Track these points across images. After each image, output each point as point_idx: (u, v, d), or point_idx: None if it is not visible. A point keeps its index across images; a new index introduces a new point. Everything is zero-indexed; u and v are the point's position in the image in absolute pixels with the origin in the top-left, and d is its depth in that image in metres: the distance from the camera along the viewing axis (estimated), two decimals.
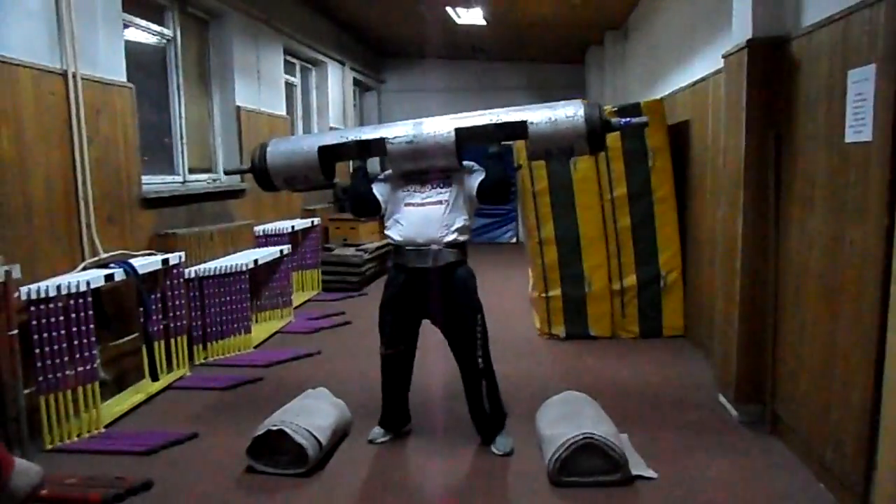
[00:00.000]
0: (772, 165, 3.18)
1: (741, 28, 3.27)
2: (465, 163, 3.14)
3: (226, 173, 3.55)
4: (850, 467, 2.48)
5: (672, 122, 4.94)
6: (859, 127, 2.44)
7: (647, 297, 4.95)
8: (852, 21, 2.50)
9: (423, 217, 3.04)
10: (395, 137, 3.05)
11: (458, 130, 3.00)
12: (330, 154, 3.20)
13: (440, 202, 3.05)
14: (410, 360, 3.25)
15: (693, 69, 4.74)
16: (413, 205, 3.08)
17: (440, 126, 3.03)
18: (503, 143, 3.07)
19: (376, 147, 3.12)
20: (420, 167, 3.10)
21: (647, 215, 4.89)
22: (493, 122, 3.01)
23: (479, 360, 3.08)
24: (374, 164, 3.03)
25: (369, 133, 3.15)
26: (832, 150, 2.67)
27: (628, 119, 3.03)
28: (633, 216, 4.90)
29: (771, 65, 3.14)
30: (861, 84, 2.42)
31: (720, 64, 3.64)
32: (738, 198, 3.30)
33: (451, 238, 3.03)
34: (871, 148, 2.35)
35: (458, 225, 3.05)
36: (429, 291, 3.04)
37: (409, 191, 3.12)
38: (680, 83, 5.05)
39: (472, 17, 7.60)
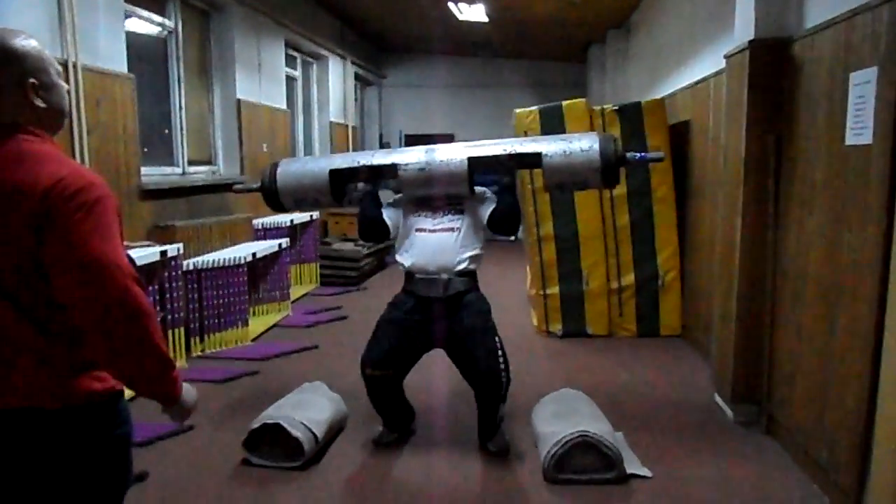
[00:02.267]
0: (771, 167, 3.18)
1: (743, 29, 3.27)
2: (477, 189, 3.12)
3: (235, 191, 3.57)
4: (845, 469, 2.48)
5: (673, 121, 4.94)
6: (860, 130, 2.44)
7: (645, 296, 4.95)
8: (855, 23, 2.50)
9: (435, 244, 3.01)
10: (406, 164, 3.02)
11: (470, 160, 2.98)
12: (340, 177, 3.18)
13: (452, 229, 3.02)
14: (398, 385, 3.10)
15: (694, 69, 4.73)
16: (424, 230, 3.04)
17: (453, 154, 3.01)
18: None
19: (388, 173, 3.10)
20: (431, 194, 3.07)
21: (646, 214, 4.89)
22: (507, 152, 2.98)
23: (503, 385, 2.92)
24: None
25: (381, 159, 3.13)
26: (832, 152, 2.67)
27: (643, 154, 3.04)
28: (632, 215, 4.89)
29: (773, 66, 3.13)
30: (862, 87, 2.42)
31: (722, 64, 3.63)
32: (738, 199, 3.30)
33: (462, 267, 2.99)
34: (872, 151, 2.36)
35: (469, 253, 3.02)
36: (438, 321, 2.98)
37: (420, 216, 3.09)
38: (681, 83, 5.05)
39: (474, 13, 7.59)
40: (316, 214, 6.84)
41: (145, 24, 4.88)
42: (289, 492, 2.74)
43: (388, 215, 3.14)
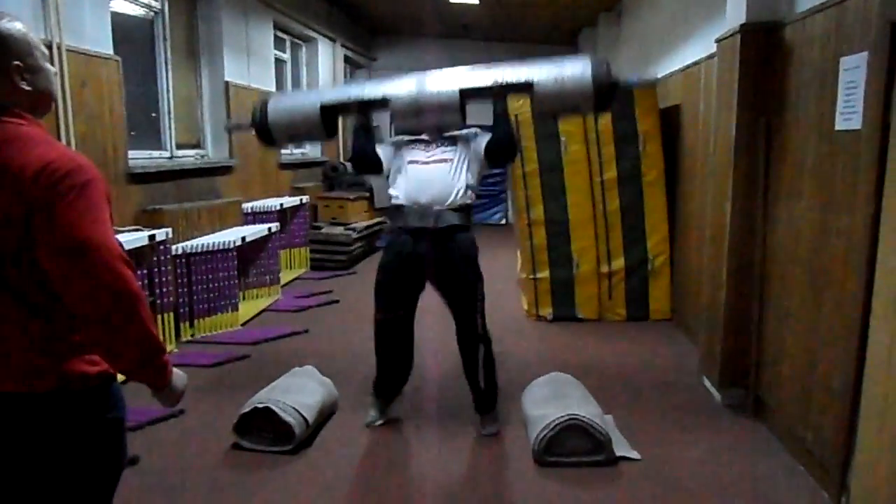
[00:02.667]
0: (761, 151, 3.18)
1: (735, 13, 3.26)
2: (468, 130, 3.11)
3: (227, 130, 3.55)
4: (830, 450, 2.52)
5: (663, 105, 4.94)
6: (849, 115, 2.45)
7: (635, 280, 4.97)
8: (846, 8, 2.50)
9: (428, 175, 2.98)
10: (397, 96, 2.99)
11: (461, 91, 2.95)
12: (332, 111, 3.16)
13: (445, 160, 2.99)
14: (410, 326, 3.15)
15: (686, 53, 4.72)
16: (417, 162, 3.02)
17: (444, 83, 2.97)
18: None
19: (379, 105, 3.07)
20: (423, 124, 3.04)
21: (636, 199, 4.90)
22: (498, 82, 2.93)
23: (479, 325, 3.04)
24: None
25: (372, 90, 3.09)
26: (822, 137, 2.68)
27: (637, 77, 2.95)
28: (622, 199, 4.90)
29: (764, 50, 3.13)
30: (853, 72, 2.42)
31: (713, 48, 3.63)
32: (727, 183, 3.31)
33: (454, 198, 2.96)
34: (861, 136, 2.36)
35: (462, 185, 2.99)
36: (429, 253, 2.96)
37: (413, 149, 3.07)
38: (672, 67, 5.04)
39: None
40: (306, 198, 6.81)
41: (131, 6, 4.81)
42: (279, 476, 2.75)
43: (382, 153, 3.13)
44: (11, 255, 1.25)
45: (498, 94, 2.96)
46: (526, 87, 2.90)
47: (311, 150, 8.49)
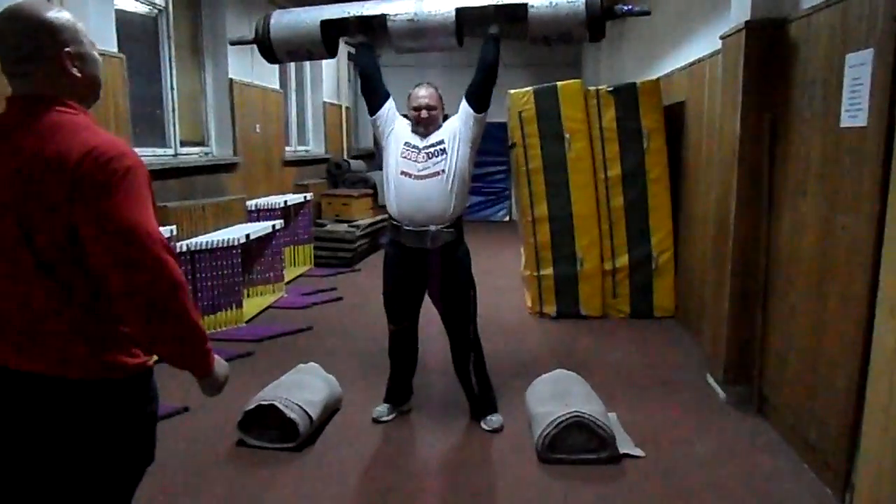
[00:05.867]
0: (766, 148, 3.18)
1: (739, 9, 3.25)
2: (446, 123, 3.10)
3: (231, 43, 3.65)
4: (834, 448, 2.51)
5: (668, 102, 4.92)
6: (855, 112, 2.44)
7: (639, 277, 4.96)
8: (851, 5, 2.49)
9: (422, 194, 2.98)
10: (395, 14, 3.06)
11: (458, 10, 3.00)
12: (332, 28, 3.22)
13: (438, 173, 2.98)
14: (414, 334, 3.28)
15: (690, 50, 4.71)
16: (410, 176, 3.00)
17: (441, 4, 3.03)
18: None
19: (377, 23, 3.13)
20: (421, 45, 3.13)
21: (640, 196, 4.89)
22: (494, 2, 2.99)
23: (469, 332, 3.13)
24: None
25: (371, 8, 3.15)
26: (827, 134, 2.67)
27: (630, 6, 3.01)
28: (626, 196, 4.89)
29: (768, 47, 3.12)
30: (858, 68, 2.41)
31: (717, 45, 3.61)
32: (732, 180, 3.30)
33: (448, 215, 2.99)
34: (866, 133, 2.35)
35: (456, 198, 3.00)
36: (426, 269, 3.05)
37: (404, 158, 3.02)
38: (676, 64, 5.02)
39: None
40: (310, 196, 6.81)
41: (135, 3, 4.81)
42: (283, 472, 2.76)
43: (390, 104, 3.15)
44: (59, 241, 1.26)
45: (493, 14, 3.01)
46: (521, 10, 2.95)
47: (315, 147, 8.50)
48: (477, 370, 3.18)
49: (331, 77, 8.83)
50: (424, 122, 3.04)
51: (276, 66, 6.93)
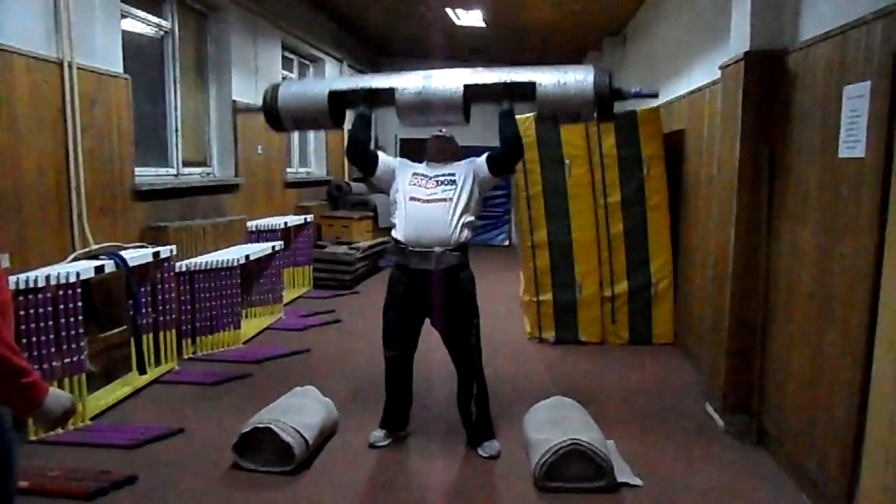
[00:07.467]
0: (765, 177, 3.19)
1: (739, 40, 3.29)
2: (465, 160, 3.16)
3: (238, 111, 3.67)
4: (835, 480, 2.49)
5: (668, 130, 4.96)
6: (853, 143, 2.46)
7: (638, 304, 4.96)
8: (849, 38, 2.52)
9: (428, 216, 3.01)
10: (403, 89, 3.06)
11: (466, 87, 3.01)
12: (339, 99, 3.23)
13: (445, 199, 3.02)
14: (410, 364, 3.23)
15: (690, 79, 4.76)
16: (418, 200, 3.05)
17: (449, 80, 3.04)
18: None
19: (385, 96, 3.13)
20: (427, 121, 3.12)
21: (640, 223, 4.90)
22: (503, 80, 3.00)
23: (474, 361, 3.11)
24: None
25: (379, 82, 3.17)
26: (825, 164, 2.68)
27: (638, 89, 3.03)
28: (626, 223, 4.91)
29: (767, 77, 3.15)
30: (856, 100, 2.44)
31: (717, 74, 3.65)
32: (731, 208, 3.32)
33: (454, 239, 3.01)
34: (864, 164, 2.37)
35: (462, 224, 3.03)
36: (430, 293, 3.03)
37: (414, 185, 3.08)
38: (676, 92, 5.07)
39: (471, 18, 7.60)
40: (310, 217, 6.83)
41: (142, 25, 4.87)
42: (279, 497, 2.73)
43: (384, 161, 3.20)
44: None
45: (501, 92, 3.02)
46: (529, 88, 2.96)
47: (317, 170, 8.54)
48: (478, 401, 3.15)
49: None
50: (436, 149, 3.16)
51: None
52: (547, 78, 2.93)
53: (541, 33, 8.39)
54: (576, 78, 2.90)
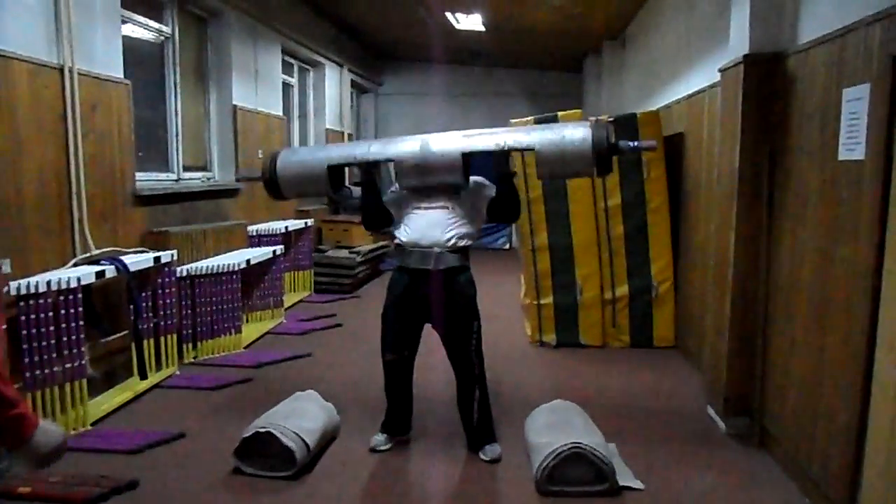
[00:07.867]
0: (765, 180, 3.19)
1: (738, 42, 3.29)
2: (475, 179, 3.20)
3: (237, 180, 3.67)
4: (837, 483, 2.49)
5: (668, 133, 4.96)
6: (852, 145, 2.46)
7: (639, 307, 4.96)
8: (848, 40, 2.52)
9: (429, 220, 3.08)
10: (402, 161, 3.10)
11: (464, 155, 3.05)
12: (339, 169, 3.30)
13: (446, 207, 3.09)
14: (411, 365, 3.25)
15: (689, 82, 4.76)
16: (420, 208, 3.13)
17: (447, 145, 3.07)
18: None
19: (384, 164, 3.20)
20: (426, 183, 3.14)
21: (640, 225, 4.90)
22: (500, 147, 3.03)
23: (475, 366, 3.11)
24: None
25: (377, 152, 3.19)
26: (825, 166, 2.68)
27: (636, 143, 3.06)
28: (626, 226, 4.91)
29: (767, 80, 3.16)
30: (855, 102, 2.44)
31: (716, 77, 3.66)
32: (731, 211, 3.32)
33: (454, 241, 3.04)
34: (864, 166, 2.37)
35: (461, 230, 3.07)
36: (430, 294, 3.05)
37: (417, 198, 3.16)
38: (676, 95, 5.08)
39: (471, 22, 7.62)
40: (311, 222, 6.84)
41: (142, 30, 4.88)
42: (280, 501, 2.72)
43: (390, 200, 3.24)
44: None
45: (501, 157, 3.07)
46: (527, 153, 3.01)
47: None
48: (480, 405, 3.15)
49: (333, 105, 8.91)
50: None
51: (279, 92, 7.01)
52: (545, 140, 2.96)
53: (540, 37, 8.40)
54: (573, 137, 2.91)
